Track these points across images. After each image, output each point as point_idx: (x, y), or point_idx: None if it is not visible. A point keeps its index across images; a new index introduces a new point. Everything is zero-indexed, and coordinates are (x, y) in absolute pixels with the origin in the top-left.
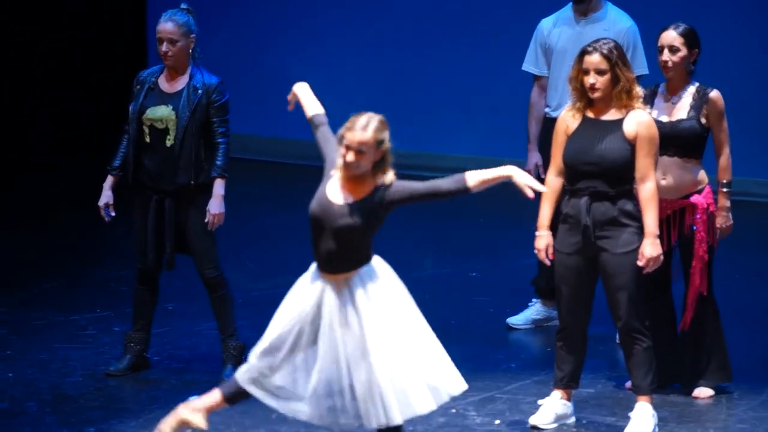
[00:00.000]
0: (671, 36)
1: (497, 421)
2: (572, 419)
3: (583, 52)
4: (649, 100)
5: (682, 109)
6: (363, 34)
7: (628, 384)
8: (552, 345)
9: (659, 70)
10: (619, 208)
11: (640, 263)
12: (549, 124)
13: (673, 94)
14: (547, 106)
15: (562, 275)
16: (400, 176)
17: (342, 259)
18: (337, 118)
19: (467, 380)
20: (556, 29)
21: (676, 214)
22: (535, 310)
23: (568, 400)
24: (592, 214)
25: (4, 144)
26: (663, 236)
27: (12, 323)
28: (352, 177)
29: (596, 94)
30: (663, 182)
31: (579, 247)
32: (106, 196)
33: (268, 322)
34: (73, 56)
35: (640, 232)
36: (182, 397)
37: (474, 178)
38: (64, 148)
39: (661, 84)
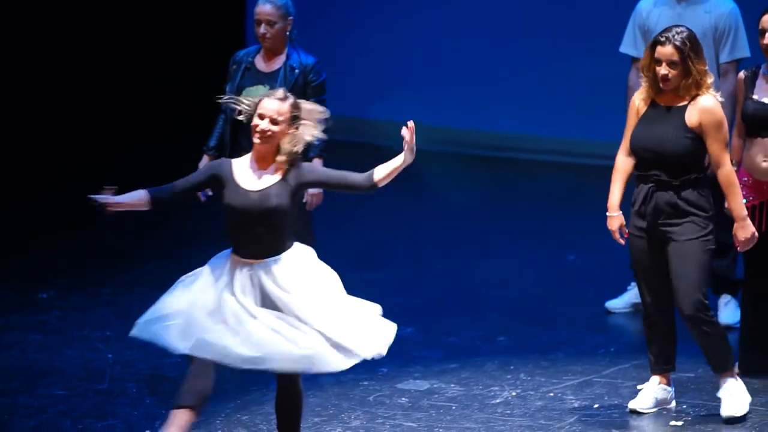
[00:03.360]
0: None
1: (596, 405)
2: (673, 404)
3: (656, 42)
4: (751, 82)
5: None
6: (460, 18)
7: None
8: None
9: (761, 53)
10: (683, 197)
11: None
12: None
13: None
14: None
15: (636, 257)
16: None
17: (267, 243)
18: (432, 101)
19: (565, 364)
20: (656, 10)
21: None
22: (634, 293)
23: (668, 384)
24: (655, 202)
25: (105, 124)
26: (764, 218)
27: (114, 304)
28: (260, 156)
29: (667, 86)
30: (764, 164)
31: (646, 230)
32: None
33: None
34: (172, 38)
35: (708, 221)
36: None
37: (380, 172)
38: (161, 128)
39: (762, 65)
